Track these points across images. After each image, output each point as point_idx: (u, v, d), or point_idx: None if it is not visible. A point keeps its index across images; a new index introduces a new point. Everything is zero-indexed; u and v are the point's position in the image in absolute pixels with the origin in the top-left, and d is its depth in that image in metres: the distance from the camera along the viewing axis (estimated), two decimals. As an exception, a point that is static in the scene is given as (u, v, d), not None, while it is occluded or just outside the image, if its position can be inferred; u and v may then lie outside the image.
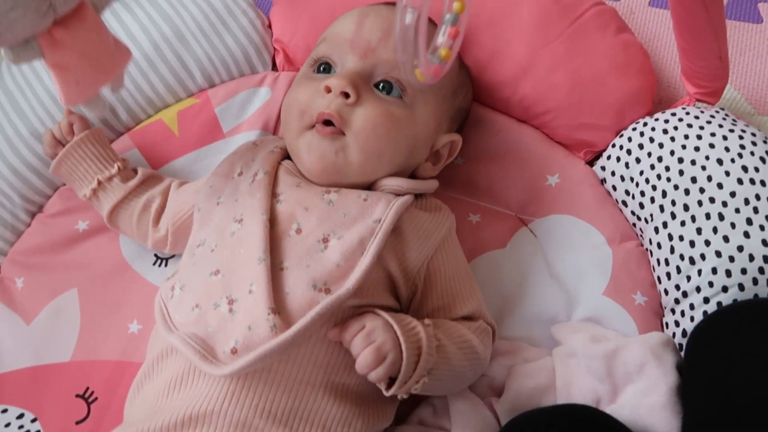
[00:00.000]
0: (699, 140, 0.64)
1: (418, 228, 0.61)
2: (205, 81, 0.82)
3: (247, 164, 0.65)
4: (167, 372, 0.57)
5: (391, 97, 0.61)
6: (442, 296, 0.61)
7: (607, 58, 0.72)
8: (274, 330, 0.53)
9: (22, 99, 0.78)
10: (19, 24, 0.43)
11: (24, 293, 0.75)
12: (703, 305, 0.61)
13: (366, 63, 0.61)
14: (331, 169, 0.60)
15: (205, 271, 0.58)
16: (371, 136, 0.59)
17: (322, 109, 0.59)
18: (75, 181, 0.73)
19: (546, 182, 0.74)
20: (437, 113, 0.64)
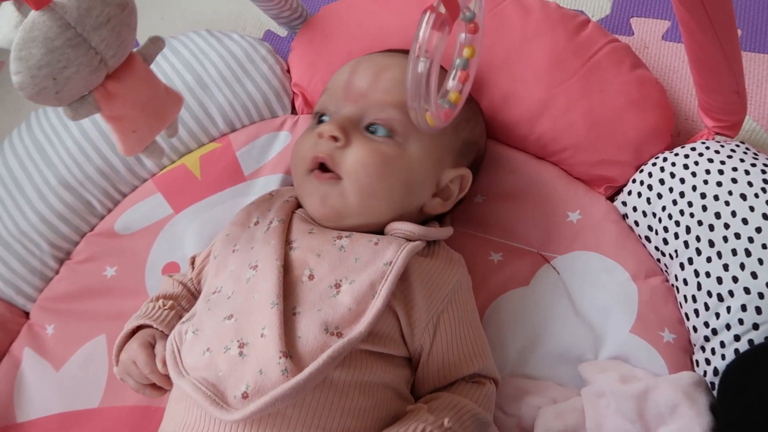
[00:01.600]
0: (721, 175, 0.64)
1: (426, 278, 0.61)
2: (227, 126, 0.84)
3: (264, 214, 0.67)
4: (179, 418, 0.57)
5: (381, 137, 0.63)
6: (450, 353, 0.61)
7: (624, 95, 0.73)
8: (285, 374, 0.52)
9: (50, 148, 0.81)
10: (74, 81, 0.45)
11: (53, 340, 0.76)
12: (734, 343, 0.60)
13: (357, 108, 0.64)
14: (331, 213, 0.63)
15: (219, 316, 0.58)
16: (363, 175, 0.61)
17: (315, 153, 0.62)
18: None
19: (567, 219, 0.74)
20: (435, 149, 0.65)
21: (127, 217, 0.81)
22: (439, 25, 0.50)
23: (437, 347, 0.60)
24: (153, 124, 0.52)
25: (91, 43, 0.44)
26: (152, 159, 0.55)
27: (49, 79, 0.43)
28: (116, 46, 0.45)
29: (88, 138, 0.80)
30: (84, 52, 0.44)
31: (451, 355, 0.60)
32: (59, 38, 0.43)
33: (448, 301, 0.61)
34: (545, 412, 0.63)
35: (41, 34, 0.42)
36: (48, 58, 0.43)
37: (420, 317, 0.59)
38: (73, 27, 0.43)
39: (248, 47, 0.84)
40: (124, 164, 0.81)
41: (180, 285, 0.70)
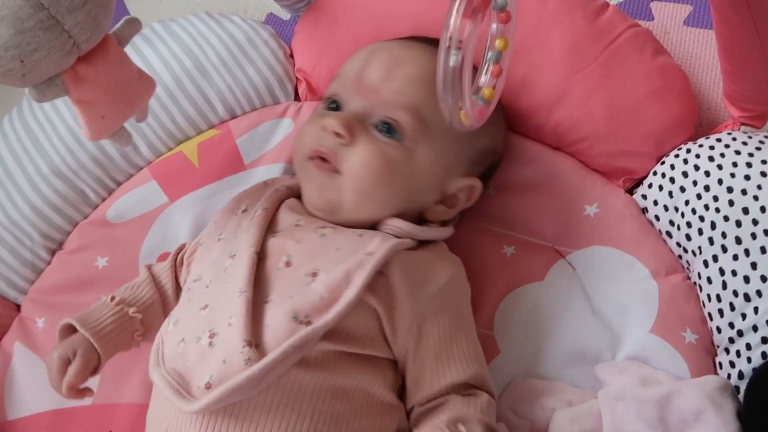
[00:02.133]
0: (749, 168, 0.61)
1: (413, 276, 0.57)
2: (227, 113, 0.80)
3: (253, 202, 0.65)
4: (155, 410, 0.57)
5: (389, 139, 0.60)
6: (438, 358, 0.56)
7: (645, 83, 0.69)
8: (248, 363, 0.50)
9: (43, 136, 0.78)
10: (43, 64, 0.42)
11: (45, 333, 0.74)
12: (761, 346, 0.57)
13: (366, 103, 0.61)
14: (326, 205, 0.61)
15: (197, 306, 0.57)
16: (363, 176, 0.59)
17: (316, 146, 0.60)
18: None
19: (584, 212, 0.71)
20: (445, 156, 0.62)
21: (120, 205, 0.78)
22: (471, 12, 0.45)
23: (424, 351, 0.57)
24: (123, 110, 0.50)
25: (65, 26, 0.41)
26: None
27: (16, 61, 0.40)
28: (91, 30, 0.42)
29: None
30: (56, 36, 0.41)
31: (440, 360, 0.57)
32: (31, 19, 0.40)
33: (437, 302, 0.58)
34: (560, 416, 0.60)
35: (11, 13, 0.39)
36: (17, 39, 0.40)
37: (404, 317, 0.56)
38: (47, 8, 0.40)
39: (250, 31, 0.81)
40: (120, 152, 0.78)
41: (151, 287, 0.66)
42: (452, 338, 0.58)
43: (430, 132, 0.61)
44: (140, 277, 0.67)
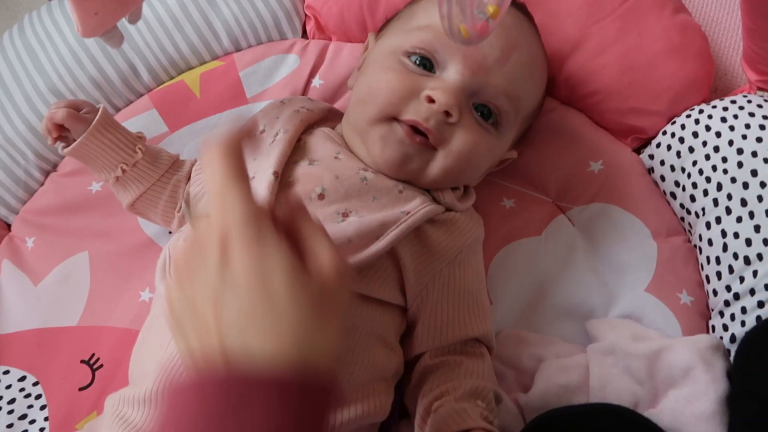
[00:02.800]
0: (762, 130, 0.59)
1: (442, 233, 0.57)
2: (232, 44, 0.78)
3: (271, 123, 0.62)
4: (159, 331, 0.55)
5: (488, 124, 0.57)
6: (459, 310, 0.57)
7: (663, 40, 0.67)
8: None
9: (43, 54, 0.76)
10: None
11: (33, 253, 0.73)
12: (756, 309, 0.56)
13: (474, 81, 0.55)
14: (406, 174, 0.57)
15: None
16: (463, 160, 0.56)
17: (419, 118, 0.54)
18: (94, 169, 0.64)
19: (588, 168, 0.69)
20: (514, 137, 0.62)
21: (119, 131, 0.76)
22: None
23: (443, 303, 0.57)
24: (117, 8, 0.49)
25: None
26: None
27: None
28: None
29: (83, 45, 0.75)
30: None
31: (461, 312, 0.57)
32: None
33: (461, 258, 0.58)
34: (547, 366, 0.59)
35: None
36: None
37: (427, 271, 0.56)
38: None
39: (261, -40, 0.78)
40: (120, 76, 0.76)
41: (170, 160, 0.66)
42: (471, 294, 0.58)
43: (518, 119, 0.60)
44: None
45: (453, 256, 0.58)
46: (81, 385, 0.66)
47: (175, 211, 0.66)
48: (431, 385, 0.55)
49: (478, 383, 0.54)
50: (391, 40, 0.60)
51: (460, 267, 0.58)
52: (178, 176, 0.66)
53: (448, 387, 0.54)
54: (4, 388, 0.67)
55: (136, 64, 0.76)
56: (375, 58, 0.60)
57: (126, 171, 0.63)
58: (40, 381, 0.67)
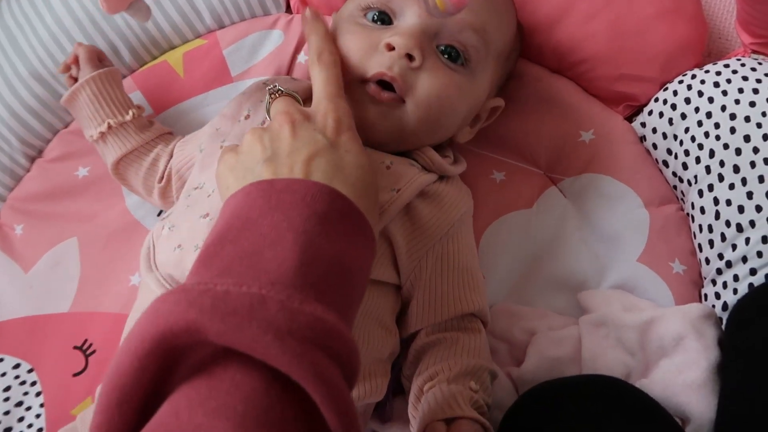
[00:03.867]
0: (756, 95, 0.58)
1: (433, 207, 0.57)
2: (214, 22, 0.77)
3: (255, 105, 0.61)
4: None
5: (455, 65, 0.55)
6: (453, 286, 0.57)
7: (654, 4, 0.65)
8: None
9: (22, 37, 0.74)
10: None
11: (23, 240, 0.73)
12: (749, 277, 0.55)
13: (433, 21, 0.54)
14: (382, 134, 0.55)
15: (197, 214, 0.55)
16: (435, 106, 0.54)
17: (382, 69, 0.53)
18: (84, 119, 0.68)
19: (579, 138, 0.68)
20: (492, 79, 0.60)
21: (102, 114, 0.75)
22: None
23: (434, 279, 0.56)
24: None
25: None
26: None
27: None
28: None
29: (62, 26, 0.73)
30: None
31: (456, 287, 0.57)
32: None
33: (453, 232, 0.57)
34: (539, 339, 0.59)
35: None
36: None
37: (420, 248, 0.55)
38: None
39: (240, -66, 0.76)
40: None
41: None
42: (465, 269, 0.58)
43: (489, 54, 0.57)
44: None
45: (444, 231, 0.57)
46: (75, 371, 0.66)
47: (156, 181, 0.66)
48: (426, 364, 0.55)
49: (473, 363, 0.54)
50: (347, 5, 0.59)
51: (452, 242, 0.58)
52: (162, 148, 0.67)
53: (443, 366, 0.54)
54: (0, 375, 0.67)
55: (117, 45, 0.75)
56: (335, 27, 0.59)
57: (112, 128, 0.66)
58: (34, 368, 0.67)
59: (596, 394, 0.49)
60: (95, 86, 0.66)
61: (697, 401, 0.49)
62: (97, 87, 0.66)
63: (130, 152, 0.66)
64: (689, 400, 0.49)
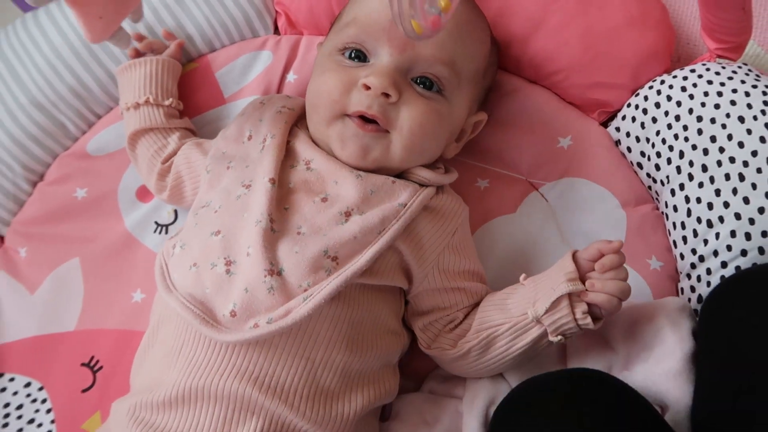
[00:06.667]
0: (720, 97, 0.61)
1: (436, 217, 0.60)
2: (205, 45, 0.80)
3: (256, 126, 0.64)
4: (168, 338, 0.57)
5: (431, 93, 0.59)
6: (461, 281, 0.61)
7: (623, 12, 0.69)
8: (271, 292, 0.52)
9: (20, 66, 0.77)
10: None
11: (27, 263, 0.75)
12: (720, 270, 0.58)
13: (404, 58, 0.58)
14: (372, 165, 0.59)
15: (207, 231, 0.57)
16: (417, 134, 0.58)
17: (362, 108, 0.57)
18: (129, 88, 0.72)
19: (558, 144, 0.71)
20: (470, 99, 0.64)
21: (100, 138, 0.78)
22: None
23: (446, 278, 0.60)
24: (119, 9, 0.50)
25: None
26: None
27: None
28: None
29: (59, 55, 0.76)
30: None
31: (462, 281, 0.61)
32: None
33: (457, 236, 0.61)
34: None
35: None
36: None
37: (428, 256, 0.59)
38: None
39: (228, -39, 0.79)
40: (98, 84, 0.78)
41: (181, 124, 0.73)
42: (469, 269, 0.61)
43: (461, 81, 0.61)
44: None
45: (448, 239, 0.60)
46: (83, 387, 0.69)
47: (160, 162, 0.70)
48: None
49: None
50: (327, 43, 0.63)
51: (457, 248, 0.61)
52: (177, 138, 0.71)
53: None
54: (11, 394, 0.69)
55: (113, 71, 0.78)
56: (316, 64, 0.63)
57: (148, 102, 0.71)
58: (44, 386, 0.69)
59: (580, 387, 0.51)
60: (156, 67, 0.72)
61: (674, 389, 0.52)
62: (156, 68, 0.72)
63: (150, 129, 0.71)
64: (667, 389, 0.52)
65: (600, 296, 0.52)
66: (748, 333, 0.50)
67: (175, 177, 0.69)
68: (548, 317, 0.54)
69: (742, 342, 0.50)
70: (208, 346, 0.54)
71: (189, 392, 0.52)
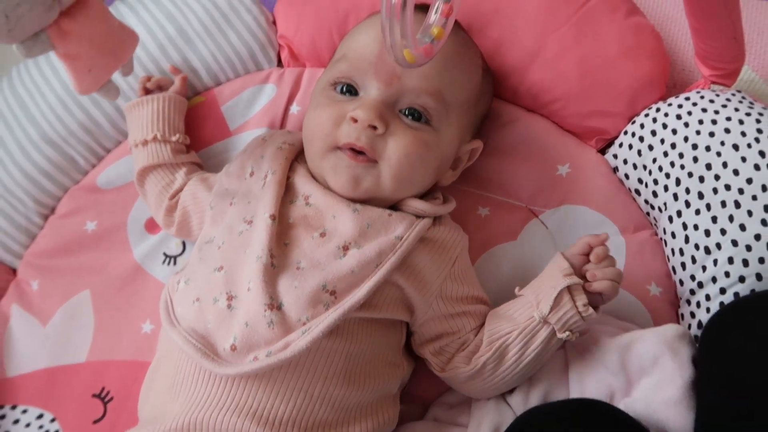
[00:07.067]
0: (714, 125, 0.62)
1: (434, 249, 0.61)
2: (211, 80, 0.82)
3: (257, 162, 0.66)
4: (170, 371, 0.58)
5: (419, 124, 0.61)
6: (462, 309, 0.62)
7: (618, 43, 0.70)
8: (271, 326, 0.54)
9: (32, 103, 0.79)
10: (27, 19, 0.43)
11: (39, 295, 0.76)
12: (719, 296, 0.59)
13: (391, 90, 0.60)
14: (364, 195, 0.61)
15: (210, 267, 0.59)
16: (405, 164, 0.60)
17: (351, 140, 0.59)
18: (137, 125, 0.74)
19: (557, 172, 0.72)
20: (460, 128, 0.65)
21: (110, 172, 0.80)
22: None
23: (449, 307, 0.61)
24: (109, 63, 0.51)
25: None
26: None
27: (1, 17, 0.42)
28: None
29: (69, 92, 0.78)
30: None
31: (464, 309, 0.62)
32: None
33: (457, 266, 0.62)
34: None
35: None
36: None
37: (429, 288, 0.60)
38: None
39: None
40: (108, 119, 0.80)
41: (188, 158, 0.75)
42: (473, 295, 0.63)
43: (450, 110, 0.62)
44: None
45: (448, 270, 0.61)
46: (94, 418, 0.70)
47: (168, 198, 0.71)
48: None
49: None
50: (321, 79, 0.66)
51: (457, 278, 0.62)
52: (184, 173, 0.72)
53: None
54: (24, 426, 0.70)
55: (122, 106, 0.80)
56: (311, 99, 0.66)
57: (156, 139, 0.72)
58: (56, 417, 0.70)
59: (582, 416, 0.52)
60: (163, 104, 0.74)
61: (675, 417, 0.52)
62: (163, 105, 0.74)
63: (158, 165, 0.72)
64: (667, 417, 0.53)
65: (603, 284, 0.56)
66: (746, 360, 0.50)
67: (182, 213, 0.70)
68: (554, 315, 0.56)
69: (740, 369, 0.51)
70: (208, 380, 0.55)
71: (189, 426, 0.53)
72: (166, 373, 0.59)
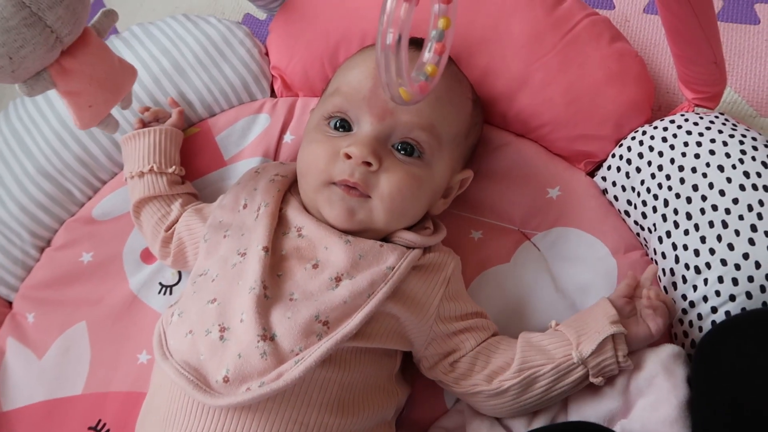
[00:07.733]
0: (699, 147, 0.64)
1: (426, 277, 0.62)
2: (205, 111, 0.83)
3: (251, 195, 0.66)
4: (163, 405, 0.58)
5: (411, 158, 0.62)
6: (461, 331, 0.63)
7: (602, 68, 0.72)
8: (264, 357, 0.54)
9: (28, 137, 0.80)
10: (30, 60, 0.45)
11: (35, 328, 0.77)
12: (711, 315, 0.60)
13: (384, 126, 0.61)
14: (358, 227, 0.61)
15: (204, 299, 0.59)
16: (397, 199, 0.61)
17: (345, 176, 0.60)
18: (134, 157, 0.75)
19: (547, 195, 0.73)
20: (452, 160, 0.66)
21: (105, 203, 0.81)
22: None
23: (446, 330, 0.62)
24: (108, 98, 0.53)
25: (47, 21, 0.44)
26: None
27: (5, 59, 0.43)
28: (71, 24, 0.45)
29: (65, 126, 0.79)
30: (40, 31, 0.44)
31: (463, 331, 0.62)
32: (14, 18, 0.43)
33: (450, 289, 0.63)
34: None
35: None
36: (3, 37, 0.43)
37: (423, 315, 0.60)
38: (28, 6, 0.43)
39: (225, 31, 0.83)
40: (103, 152, 0.81)
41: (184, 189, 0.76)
42: (470, 311, 0.64)
43: (442, 144, 0.63)
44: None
45: (443, 290, 0.62)
46: (91, 451, 0.69)
47: (163, 229, 0.72)
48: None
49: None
50: (315, 113, 0.67)
51: (455, 296, 0.63)
52: (180, 205, 0.73)
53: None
54: (20, 460, 0.70)
55: (117, 139, 0.81)
56: (305, 133, 0.67)
57: (152, 171, 0.73)
58: (52, 451, 0.70)
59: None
60: (159, 137, 0.75)
61: (671, 437, 0.53)
62: (159, 138, 0.75)
63: (154, 197, 0.73)
64: (664, 436, 0.53)
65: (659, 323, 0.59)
66: (737, 379, 0.51)
67: (177, 244, 0.71)
68: (593, 359, 0.57)
69: (732, 388, 0.51)
70: (201, 412, 0.54)
71: None
72: (159, 406, 0.58)
